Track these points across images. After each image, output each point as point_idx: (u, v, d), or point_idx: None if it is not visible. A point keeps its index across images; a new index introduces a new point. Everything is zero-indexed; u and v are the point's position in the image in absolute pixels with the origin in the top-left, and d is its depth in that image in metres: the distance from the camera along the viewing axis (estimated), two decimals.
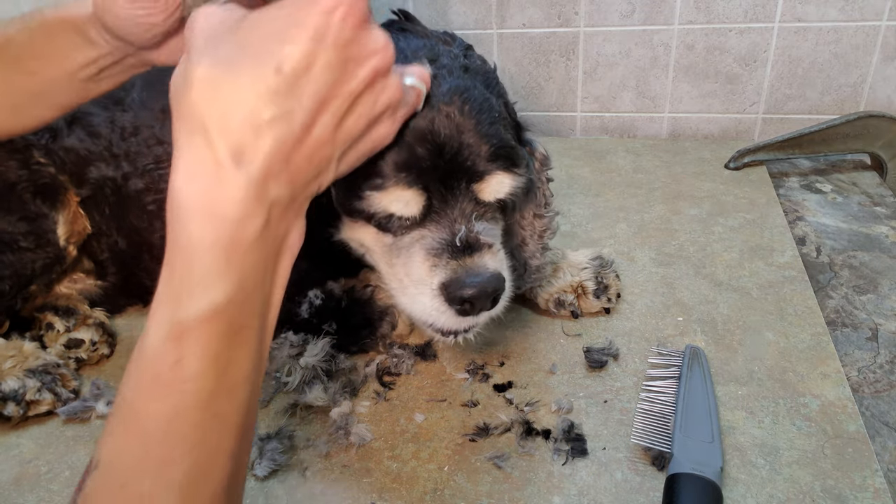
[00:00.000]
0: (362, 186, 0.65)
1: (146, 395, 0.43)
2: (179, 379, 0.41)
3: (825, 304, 0.89)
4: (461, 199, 0.67)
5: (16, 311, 0.89)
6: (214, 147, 0.42)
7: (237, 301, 0.43)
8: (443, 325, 0.68)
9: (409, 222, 0.67)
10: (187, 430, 0.42)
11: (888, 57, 1.31)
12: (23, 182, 0.86)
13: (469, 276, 0.65)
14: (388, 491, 0.66)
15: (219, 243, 0.42)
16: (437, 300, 0.66)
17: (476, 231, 0.67)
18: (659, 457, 0.67)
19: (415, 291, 0.68)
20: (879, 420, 0.71)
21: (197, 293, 0.42)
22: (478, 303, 0.65)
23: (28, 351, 0.83)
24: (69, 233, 0.89)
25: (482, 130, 0.66)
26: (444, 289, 0.65)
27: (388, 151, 0.63)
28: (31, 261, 0.86)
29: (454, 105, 0.65)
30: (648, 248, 1.04)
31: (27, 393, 0.78)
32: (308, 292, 0.84)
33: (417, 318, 0.70)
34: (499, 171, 0.67)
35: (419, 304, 0.67)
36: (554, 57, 1.48)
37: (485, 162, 0.66)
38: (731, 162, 1.31)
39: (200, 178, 0.42)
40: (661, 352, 0.80)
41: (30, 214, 0.86)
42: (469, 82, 0.68)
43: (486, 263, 0.66)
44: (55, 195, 0.88)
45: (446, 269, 0.65)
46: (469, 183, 0.67)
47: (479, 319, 0.69)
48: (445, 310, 0.66)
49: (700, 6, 1.35)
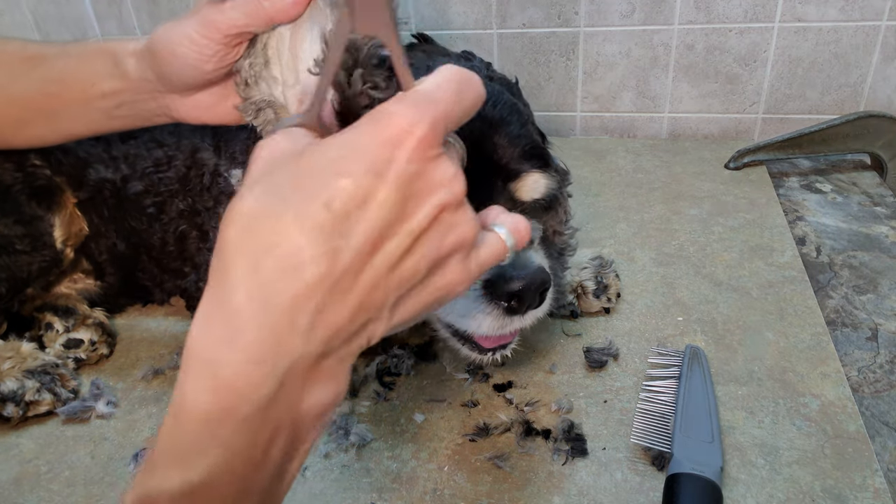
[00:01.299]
0: None
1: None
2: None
3: (825, 304, 0.89)
4: (499, 199, 0.67)
5: (13, 313, 0.88)
6: (234, 290, 0.35)
7: (220, 482, 0.36)
8: (486, 330, 0.65)
9: None
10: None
11: (888, 57, 1.31)
12: (18, 184, 0.85)
13: (515, 269, 0.63)
14: (388, 491, 0.66)
15: (209, 412, 0.35)
16: (482, 301, 0.64)
17: None
18: (659, 457, 0.67)
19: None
20: (879, 420, 0.71)
21: (171, 466, 0.36)
22: (526, 297, 0.63)
23: (26, 352, 0.83)
24: (66, 235, 0.89)
25: (515, 131, 0.67)
26: (490, 286, 0.63)
27: None
28: (27, 263, 0.85)
29: (486, 109, 0.66)
30: (648, 248, 1.04)
31: (26, 393, 0.78)
32: None
33: (458, 326, 0.67)
34: (534, 171, 0.68)
35: (461, 307, 0.65)
36: (554, 57, 1.48)
37: (520, 161, 0.67)
38: (731, 162, 1.31)
39: (210, 328, 0.36)
40: (661, 352, 0.80)
41: (25, 217, 0.85)
42: (497, 88, 0.70)
43: (531, 257, 0.65)
44: (51, 197, 0.88)
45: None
46: (505, 182, 0.67)
47: (525, 320, 0.67)
48: (491, 311, 0.64)
49: (700, 6, 1.35)
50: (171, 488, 0.35)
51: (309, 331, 0.35)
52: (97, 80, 0.68)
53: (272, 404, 0.35)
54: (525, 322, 0.67)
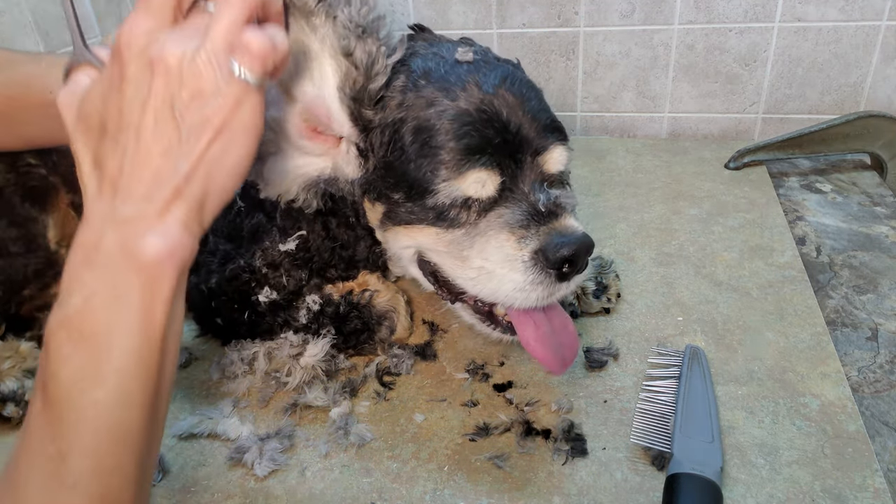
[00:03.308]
0: (432, 181, 0.67)
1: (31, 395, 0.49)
2: (42, 379, 0.46)
3: (825, 303, 0.89)
4: (529, 173, 0.69)
5: (10, 314, 0.88)
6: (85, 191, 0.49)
7: (87, 312, 0.46)
8: (535, 300, 0.67)
9: (484, 205, 0.68)
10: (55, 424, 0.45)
11: (888, 57, 1.31)
12: (11, 185, 0.84)
13: (564, 236, 0.65)
14: (388, 491, 0.66)
15: (75, 265, 0.48)
16: (532, 271, 0.66)
17: (555, 196, 0.69)
18: (659, 457, 0.67)
19: (503, 271, 0.67)
20: (879, 420, 0.71)
21: (57, 306, 0.47)
22: (578, 261, 0.66)
23: (25, 351, 0.83)
24: (60, 236, 0.88)
25: (536, 106, 0.70)
26: (542, 254, 0.65)
27: (456, 141, 0.66)
28: (22, 265, 0.85)
29: (506, 86, 0.69)
30: (648, 248, 1.04)
31: (26, 393, 0.78)
32: (306, 298, 0.84)
33: (507, 299, 0.68)
34: (558, 143, 0.71)
35: (509, 282, 0.67)
36: (554, 57, 1.48)
37: (544, 135, 0.70)
38: (731, 162, 1.31)
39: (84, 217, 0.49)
40: (661, 352, 0.80)
41: (18, 218, 0.85)
42: (509, 68, 0.72)
43: (573, 224, 0.68)
44: (45, 198, 0.87)
45: (537, 236, 0.66)
46: (535, 156, 0.69)
47: (571, 286, 0.69)
48: (542, 279, 0.66)
49: (700, 6, 1.35)
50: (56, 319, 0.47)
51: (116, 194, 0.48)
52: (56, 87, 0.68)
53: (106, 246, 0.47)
54: (570, 288, 0.69)
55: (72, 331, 0.46)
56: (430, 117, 0.67)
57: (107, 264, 0.46)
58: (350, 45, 0.63)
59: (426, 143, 0.67)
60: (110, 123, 0.48)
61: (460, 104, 0.67)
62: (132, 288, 0.46)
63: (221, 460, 0.71)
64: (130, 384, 0.46)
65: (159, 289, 0.47)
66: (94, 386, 0.45)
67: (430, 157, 0.67)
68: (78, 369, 0.45)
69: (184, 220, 0.48)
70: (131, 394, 0.46)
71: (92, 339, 0.46)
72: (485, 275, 0.69)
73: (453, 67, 0.70)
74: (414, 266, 0.79)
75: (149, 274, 0.47)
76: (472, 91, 0.68)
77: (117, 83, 0.48)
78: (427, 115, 0.67)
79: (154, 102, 0.47)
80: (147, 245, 0.46)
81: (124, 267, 0.46)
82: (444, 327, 0.89)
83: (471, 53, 0.72)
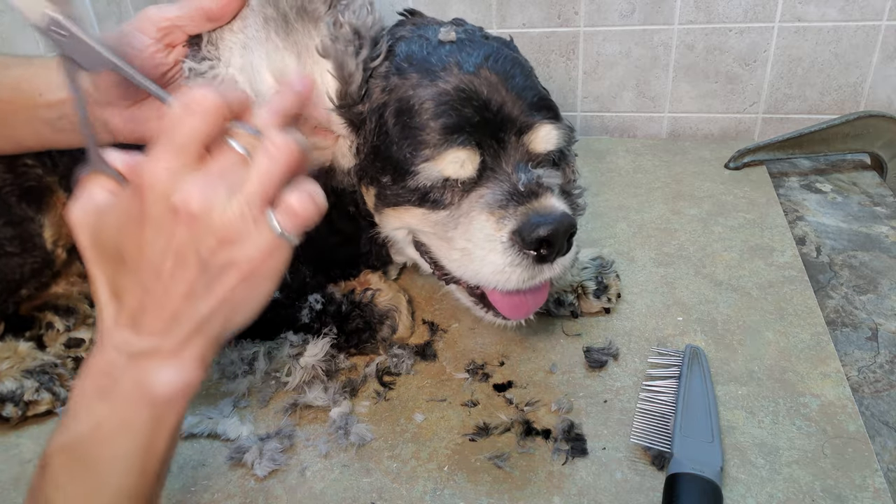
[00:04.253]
0: (413, 163, 0.66)
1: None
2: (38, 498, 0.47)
3: (825, 303, 0.89)
4: (513, 153, 0.67)
5: (7, 314, 0.88)
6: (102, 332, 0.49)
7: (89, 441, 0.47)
8: (516, 283, 0.66)
9: (465, 185, 0.67)
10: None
11: (888, 57, 1.31)
12: (7, 185, 0.84)
13: (541, 216, 0.64)
14: (388, 491, 0.66)
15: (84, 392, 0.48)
16: (510, 253, 0.64)
17: (537, 175, 0.67)
18: (659, 456, 0.67)
19: (482, 252, 0.66)
20: (879, 420, 0.71)
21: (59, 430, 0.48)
22: (556, 242, 0.64)
23: (24, 352, 0.83)
24: (56, 236, 0.88)
25: (520, 83, 0.68)
26: (518, 235, 0.64)
27: (433, 121, 0.65)
28: (18, 265, 0.85)
29: (488, 65, 0.67)
30: (648, 248, 1.04)
31: (25, 393, 0.78)
32: (308, 296, 0.84)
33: (487, 281, 0.67)
34: (546, 122, 0.69)
35: (489, 264, 0.66)
36: (554, 57, 1.48)
37: (530, 113, 0.67)
38: (731, 162, 1.30)
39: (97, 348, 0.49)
40: (661, 352, 0.80)
41: (14, 218, 0.84)
42: (496, 45, 0.71)
43: (554, 203, 0.66)
44: (41, 198, 0.87)
45: (515, 216, 0.64)
46: (519, 135, 0.67)
47: (554, 269, 0.67)
48: (520, 261, 0.65)
49: (700, 6, 1.35)
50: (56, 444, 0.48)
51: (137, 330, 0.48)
52: (46, 90, 0.69)
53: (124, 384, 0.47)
54: (554, 271, 0.67)
55: (73, 457, 0.47)
56: (409, 99, 0.66)
57: (119, 396, 0.47)
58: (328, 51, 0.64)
59: (406, 125, 0.66)
60: (129, 257, 0.47)
61: (439, 85, 0.66)
62: (141, 421, 0.47)
63: (221, 460, 0.71)
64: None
65: (167, 421, 0.48)
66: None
67: (409, 138, 0.66)
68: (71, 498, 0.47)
69: (200, 356, 0.48)
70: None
71: (92, 469, 0.47)
72: (467, 256, 0.68)
73: (436, 49, 0.69)
74: (411, 248, 0.79)
75: (160, 408, 0.48)
76: (453, 71, 0.67)
77: (136, 219, 0.46)
78: (407, 98, 0.67)
79: (176, 248, 0.45)
80: (161, 381, 0.47)
81: (136, 400, 0.47)
82: (445, 327, 0.89)
83: (453, 33, 0.71)
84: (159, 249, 0.46)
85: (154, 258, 0.46)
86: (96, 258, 0.49)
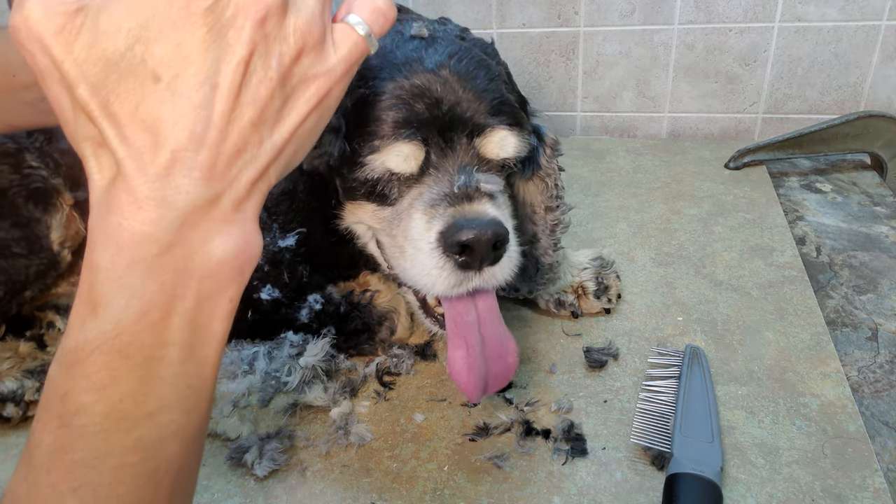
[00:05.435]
0: (362, 153, 0.65)
1: (39, 427, 0.39)
2: (66, 412, 0.37)
3: (825, 303, 0.89)
4: (462, 155, 0.65)
5: (10, 315, 0.88)
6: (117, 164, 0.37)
7: (136, 331, 0.37)
8: (442, 288, 0.63)
9: (408, 181, 0.66)
10: (69, 467, 0.37)
11: (888, 57, 1.31)
12: (14, 187, 0.85)
13: (468, 220, 0.61)
14: (388, 491, 0.66)
15: (116, 268, 0.37)
16: (436, 254, 0.62)
17: (476, 180, 0.64)
18: (659, 457, 0.67)
19: (413, 251, 0.64)
20: (879, 420, 0.71)
21: (90, 321, 0.37)
22: (477, 249, 0.61)
23: (25, 352, 0.83)
24: (63, 237, 0.88)
25: (481, 86, 0.66)
26: (442, 237, 0.62)
27: (385, 113, 0.64)
28: (24, 267, 0.85)
29: (451, 63, 0.65)
30: (648, 248, 1.04)
31: (26, 393, 0.78)
32: (308, 297, 0.84)
33: (416, 283, 0.65)
34: (502, 127, 0.66)
35: (418, 264, 0.64)
36: (554, 57, 1.48)
37: (486, 116, 0.65)
38: (731, 162, 1.31)
39: (104, 198, 0.38)
40: (661, 352, 0.80)
41: (21, 220, 0.85)
42: (465, 45, 0.69)
43: (486, 209, 0.63)
44: (48, 199, 0.87)
45: (443, 217, 0.62)
46: (471, 138, 0.66)
47: (485, 279, 0.64)
48: (444, 264, 0.62)
49: (700, 6, 1.35)
50: (88, 342, 0.37)
51: (187, 182, 0.37)
52: (17, 70, 0.65)
53: (173, 248, 0.37)
54: (485, 281, 0.64)
55: (111, 352, 0.37)
56: (369, 91, 0.66)
57: (168, 267, 0.37)
58: None
59: (363, 116, 0.66)
60: (164, 72, 0.37)
61: (397, 79, 0.65)
62: (191, 299, 0.38)
63: (221, 460, 0.71)
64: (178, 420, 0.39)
65: (223, 299, 0.40)
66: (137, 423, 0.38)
67: (361, 128, 0.66)
68: (117, 402, 0.37)
69: (255, 212, 0.40)
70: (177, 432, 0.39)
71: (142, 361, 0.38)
72: (402, 254, 0.66)
73: (405, 43, 0.69)
74: (373, 243, 0.78)
75: (215, 281, 0.39)
76: (413, 67, 0.66)
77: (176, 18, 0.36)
78: (366, 91, 0.66)
79: (246, 55, 0.37)
80: (220, 246, 0.39)
81: (184, 270, 0.38)
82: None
83: (425, 30, 0.70)
84: (218, 53, 0.37)
85: (210, 69, 0.37)
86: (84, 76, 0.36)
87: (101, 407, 0.37)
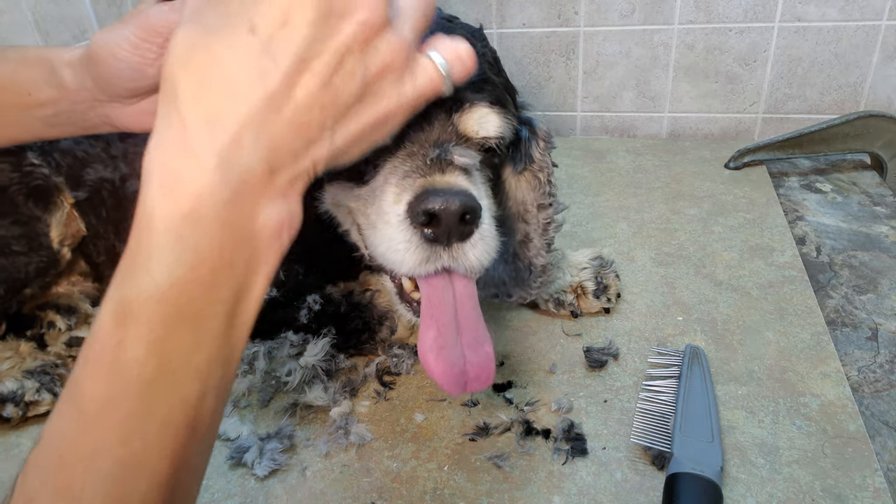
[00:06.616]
0: None
1: (88, 375, 0.40)
2: (118, 362, 0.38)
3: (825, 303, 0.89)
4: (439, 130, 0.63)
5: (10, 314, 0.88)
6: (182, 114, 0.39)
7: (188, 284, 0.38)
8: (412, 263, 0.59)
9: (383, 155, 0.63)
10: (121, 418, 0.38)
11: (888, 57, 1.31)
12: (15, 185, 0.85)
13: (437, 190, 0.58)
14: (388, 491, 0.66)
15: (172, 217, 0.38)
16: (403, 226, 0.59)
17: (450, 153, 0.62)
18: (659, 456, 0.67)
19: (382, 225, 0.61)
20: (879, 420, 0.71)
21: (142, 271, 0.38)
22: (444, 220, 0.57)
23: (25, 351, 0.83)
24: (63, 235, 0.88)
25: None
26: (409, 207, 0.59)
27: None
28: (24, 264, 0.85)
29: None
30: (648, 248, 1.04)
31: (26, 394, 0.78)
32: (307, 297, 0.83)
33: (386, 260, 0.62)
34: (482, 104, 0.64)
35: (387, 239, 0.60)
36: (554, 56, 1.48)
37: (466, 92, 0.63)
38: (731, 162, 1.31)
39: (166, 146, 0.39)
40: (661, 351, 0.80)
41: (22, 218, 0.85)
42: (450, 26, 0.68)
43: (458, 181, 0.60)
44: (48, 197, 0.87)
45: (413, 188, 0.59)
46: (449, 113, 0.63)
47: (455, 258, 0.59)
48: (411, 237, 0.59)
49: (700, 6, 1.35)
50: (140, 292, 0.38)
51: (253, 144, 0.39)
52: (33, 89, 0.67)
53: (229, 208, 0.39)
54: (455, 260, 0.59)
55: (166, 304, 0.38)
56: None
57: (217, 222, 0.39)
58: None
59: None
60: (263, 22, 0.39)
61: None
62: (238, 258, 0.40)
63: (221, 460, 0.71)
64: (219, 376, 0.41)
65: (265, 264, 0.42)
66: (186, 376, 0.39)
67: None
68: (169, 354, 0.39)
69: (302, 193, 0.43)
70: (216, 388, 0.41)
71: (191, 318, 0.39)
72: (372, 230, 0.63)
73: None
74: (355, 229, 0.75)
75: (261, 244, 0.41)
76: None
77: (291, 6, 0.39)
78: None
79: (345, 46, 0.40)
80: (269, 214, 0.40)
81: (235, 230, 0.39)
82: None
83: None
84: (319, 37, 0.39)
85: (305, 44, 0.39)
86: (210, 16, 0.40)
87: (154, 361, 0.38)
